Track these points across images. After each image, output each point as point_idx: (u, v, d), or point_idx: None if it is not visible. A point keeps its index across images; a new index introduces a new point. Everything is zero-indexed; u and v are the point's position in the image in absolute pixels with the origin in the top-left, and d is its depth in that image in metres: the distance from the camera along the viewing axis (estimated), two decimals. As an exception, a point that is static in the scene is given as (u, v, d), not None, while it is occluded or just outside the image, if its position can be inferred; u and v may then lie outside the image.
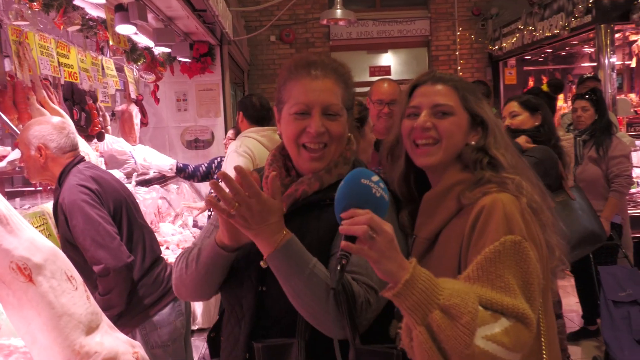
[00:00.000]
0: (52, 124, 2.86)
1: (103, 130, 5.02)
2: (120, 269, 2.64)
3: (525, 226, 1.50)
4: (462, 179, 1.64)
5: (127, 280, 2.71)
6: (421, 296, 1.26)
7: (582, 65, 10.52)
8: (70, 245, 2.73)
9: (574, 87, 10.04)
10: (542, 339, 1.56)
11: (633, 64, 8.53)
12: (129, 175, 5.16)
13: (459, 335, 1.25)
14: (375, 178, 1.34)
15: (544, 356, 1.56)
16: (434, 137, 1.65)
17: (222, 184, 1.43)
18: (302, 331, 1.53)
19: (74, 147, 2.89)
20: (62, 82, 4.40)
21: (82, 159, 2.90)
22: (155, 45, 5.55)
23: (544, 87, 4.36)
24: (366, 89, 3.87)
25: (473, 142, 1.68)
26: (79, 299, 1.85)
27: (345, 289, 1.45)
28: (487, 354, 1.28)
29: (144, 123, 6.53)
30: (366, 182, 1.33)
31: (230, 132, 5.69)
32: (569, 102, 9.26)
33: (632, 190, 6.00)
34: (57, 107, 4.01)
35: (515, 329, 1.34)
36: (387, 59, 11.88)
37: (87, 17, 4.24)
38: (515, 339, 1.32)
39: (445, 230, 1.63)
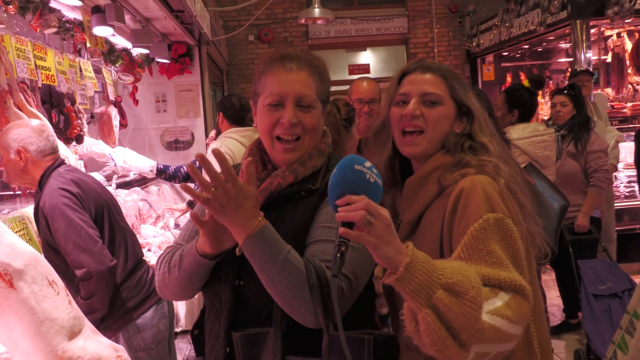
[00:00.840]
0: (31, 127, 2.84)
1: (82, 133, 4.98)
2: (103, 272, 2.63)
3: (505, 205, 1.52)
4: (442, 163, 1.66)
5: (109, 283, 2.69)
6: (423, 278, 1.25)
7: (558, 60, 10.63)
8: (51, 250, 2.71)
9: (551, 82, 10.17)
10: (530, 325, 1.57)
11: (609, 58, 8.63)
12: (109, 178, 5.12)
13: (467, 311, 1.25)
14: (368, 164, 1.34)
15: (534, 339, 1.57)
16: (420, 126, 1.67)
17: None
18: (279, 320, 1.55)
19: (54, 150, 2.86)
20: (40, 85, 4.36)
21: (63, 162, 2.87)
22: (133, 47, 5.51)
23: (525, 83, 4.37)
24: (346, 88, 3.88)
25: (458, 131, 1.70)
26: (60, 304, 1.84)
27: (318, 277, 1.47)
28: (494, 328, 1.29)
29: (123, 125, 6.49)
30: (359, 167, 1.32)
31: (213, 132, 5.68)
32: (547, 97, 9.35)
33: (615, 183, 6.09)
34: (34, 110, 3.97)
35: (515, 301, 1.35)
36: (366, 57, 11.91)
37: (63, 19, 4.20)
38: (517, 311, 1.34)
39: (427, 213, 1.65)
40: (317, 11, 7.69)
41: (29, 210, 3.15)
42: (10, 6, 3.28)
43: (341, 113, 2.71)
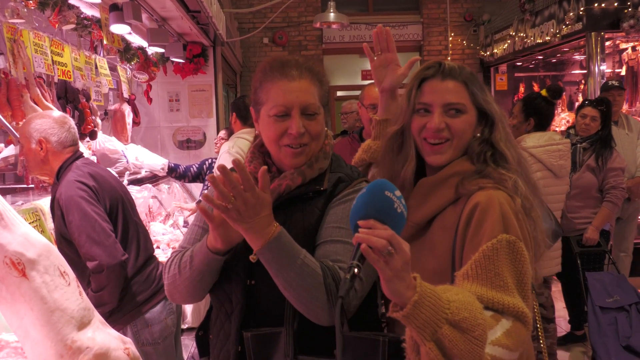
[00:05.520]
0: (53, 118, 2.86)
1: (96, 129, 5.02)
2: (114, 266, 2.65)
3: (519, 228, 1.51)
4: (462, 169, 1.64)
5: (120, 277, 2.71)
6: (429, 313, 1.24)
7: (572, 72, 10.60)
8: (64, 241, 2.73)
9: (564, 94, 10.13)
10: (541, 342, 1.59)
11: (623, 71, 8.60)
12: (121, 174, 5.16)
13: (473, 348, 1.25)
14: (398, 193, 1.30)
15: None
16: (446, 136, 1.65)
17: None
18: (291, 319, 1.57)
19: (74, 142, 2.89)
20: (56, 81, 4.42)
21: (81, 155, 2.90)
22: (149, 45, 5.55)
23: (543, 92, 4.37)
24: (358, 92, 3.90)
25: (478, 134, 1.68)
26: (71, 295, 1.86)
27: (333, 278, 1.50)
28: (494, 358, 1.31)
29: (136, 122, 6.54)
30: (390, 195, 1.28)
31: (222, 132, 5.71)
32: (559, 109, 9.33)
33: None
34: (50, 105, 4.02)
35: (515, 328, 1.36)
36: (380, 63, 11.91)
37: (81, 16, 4.25)
38: (516, 339, 1.35)
39: (439, 219, 1.63)
40: (332, 16, 7.73)
41: (41, 202, 3.18)
42: (31, 1, 3.32)
43: None
